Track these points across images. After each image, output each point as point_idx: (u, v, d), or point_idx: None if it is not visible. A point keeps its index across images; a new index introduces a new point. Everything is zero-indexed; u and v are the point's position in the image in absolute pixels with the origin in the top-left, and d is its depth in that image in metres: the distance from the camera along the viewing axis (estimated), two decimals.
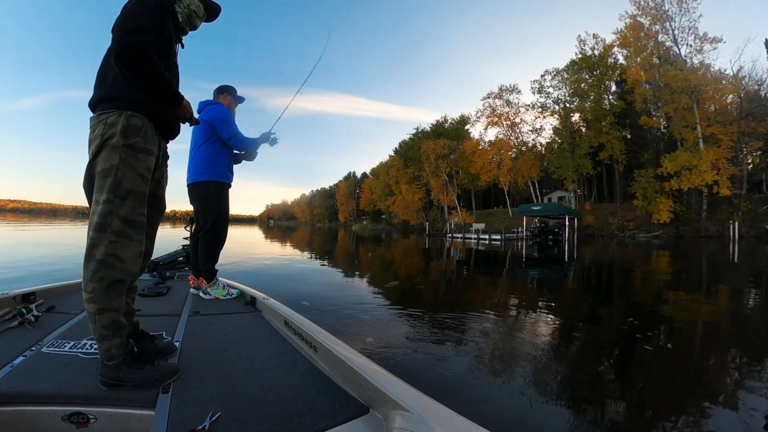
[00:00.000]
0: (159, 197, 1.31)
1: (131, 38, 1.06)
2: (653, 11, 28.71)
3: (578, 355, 2.73)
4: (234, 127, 2.46)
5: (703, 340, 3.24)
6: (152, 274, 3.00)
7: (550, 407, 1.89)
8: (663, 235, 26.57)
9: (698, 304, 4.73)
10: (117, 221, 1.08)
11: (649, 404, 2.00)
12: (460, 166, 43.02)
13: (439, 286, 6.01)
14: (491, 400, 1.94)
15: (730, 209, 25.13)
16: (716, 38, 27.15)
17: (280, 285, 5.49)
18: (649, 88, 29.77)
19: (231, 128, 2.44)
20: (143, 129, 1.14)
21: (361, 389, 1.06)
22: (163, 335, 1.52)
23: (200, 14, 1.43)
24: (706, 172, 24.39)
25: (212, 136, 2.45)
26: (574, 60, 33.73)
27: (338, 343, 1.34)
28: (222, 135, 2.43)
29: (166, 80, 1.15)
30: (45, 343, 1.35)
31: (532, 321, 3.67)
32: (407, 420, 0.83)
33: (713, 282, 6.92)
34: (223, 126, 2.41)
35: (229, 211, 2.58)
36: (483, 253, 13.21)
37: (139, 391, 1.03)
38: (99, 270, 1.05)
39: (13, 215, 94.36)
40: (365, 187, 70.80)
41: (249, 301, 2.20)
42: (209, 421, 0.89)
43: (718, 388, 2.20)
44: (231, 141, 2.44)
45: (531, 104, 37.40)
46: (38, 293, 1.98)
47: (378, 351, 2.59)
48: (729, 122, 25.96)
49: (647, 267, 9.33)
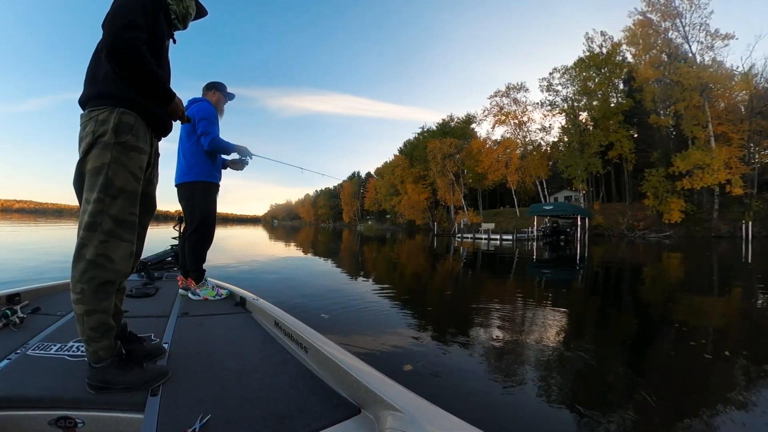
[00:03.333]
0: (150, 196, 1.29)
1: (123, 34, 1.03)
2: (663, 8, 28.32)
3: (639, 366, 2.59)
4: (210, 125, 2.40)
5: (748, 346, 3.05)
6: (140, 275, 2.96)
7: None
8: (674, 235, 26.17)
9: (733, 308, 4.57)
10: (108, 221, 1.06)
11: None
12: (467, 166, 42.86)
13: (477, 302, 4.84)
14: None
15: (741, 209, 24.69)
16: (728, 35, 26.68)
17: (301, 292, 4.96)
18: (658, 86, 29.34)
19: (207, 126, 2.39)
20: (135, 127, 1.12)
21: (352, 390, 1.05)
22: (151, 337, 1.50)
23: (193, 15, 1.43)
24: (719, 170, 24.01)
25: (197, 134, 2.42)
26: (582, 58, 33.39)
27: (329, 343, 1.33)
28: (197, 130, 2.40)
29: (159, 77, 1.13)
30: (30, 346, 1.33)
31: (597, 339, 3.26)
32: (399, 420, 0.83)
33: (740, 284, 6.70)
34: (201, 122, 2.38)
35: (216, 210, 2.55)
36: (500, 256, 12.34)
37: (127, 394, 1.01)
38: (88, 270, 1.03)
39: (19, 215, 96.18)
40: (370, 187, 70.88)
41: (239, 302, 2.18)
42: (199, 423, 0.88)
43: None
44: (202, 138, 2.39)
45: (539, 102, 37.18)
46: (23, 294, 1.95)
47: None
48: (740, 120, 25.49)
49: (672, 270, 9.02)
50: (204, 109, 2.43)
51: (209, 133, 2.39)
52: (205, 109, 2.43)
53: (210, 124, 2.40)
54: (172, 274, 3.13)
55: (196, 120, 2.36)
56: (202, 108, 2.43)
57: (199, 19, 1.53)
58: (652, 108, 30.13)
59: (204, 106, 2.45)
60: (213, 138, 2.40)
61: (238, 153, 2.59)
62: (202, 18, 1.53)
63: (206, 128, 2.38)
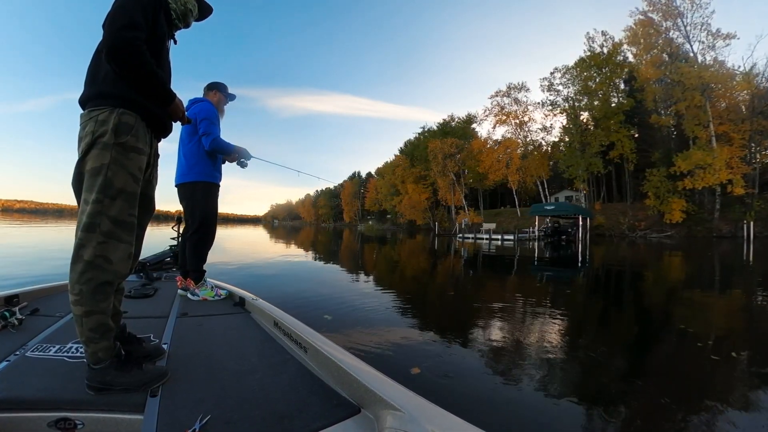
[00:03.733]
0: (149, 197, 1.28)
1: (123, 34, 1.03)
2: (664, 7, 28.24)
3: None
4: (211, 126, 2.40)
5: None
6: (139, 275, 2.95)
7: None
8: (675, 235, 26.09)
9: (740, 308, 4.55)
10: (106, 222, 1.05)
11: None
12: (468, 166, 42.81)
13: (490, 302, 4.69)
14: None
15: (742, 209, 24.61)
16: (729, 34, 26.60)
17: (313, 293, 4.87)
18: (659, 86, 29.27)
19: (208, 126, 2.39)
20: (135, 127, 1.11)
21: (351, 389, 1.05)
22: (150, 337, 1.50)
23: (194, 13, 1.41)
24: (720, 170, 23.92)
25: (198, 134, 2.42)
26: (583, 57, 33.34)
27: (328, 343, 1.33)
28: (199, 131, 2.40)
29: (159, 77, 1.12)
30: (29, 347, 1.33)
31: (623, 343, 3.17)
32: (398, 419, 0.83)
33: (748, 284, 6.66)
34: (202, 123, 2.38)
35: (217, 211, 2.55)
36: (503, 256, 12.08)
37: (127, 395, 1.01)
38: (86, 271, 1.03)
39: (20, 215, 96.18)
40: (370, 187, 70.87)
41: (238, 302, 2.18)
42: (199, 424, 0.88)
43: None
44: (204, 138, 2.39)
45: (541, 102, 37.10)
46: (22, 295, 1.94)
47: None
48: (741, 120, 25.42)
49: (678, 270, 8.96)
50: (205, 110, 2.43)
51: (210, 133, 2.39)
52: (206, 110, 2.43)
53: (211, 125, 2.40)
54: (171, 275, 3.12)
55: (197, 120, 2.36)
56: (204, 108, 2.43)
57: (204, 18, 1.51)
58: (653, 108, 30.06)
59: (205, 107, 2.45)
60: (214, 138, 2.40)
61: (238, 154, 2.58)
62: (208, 16, 1.52)
63: (207, 128, 2.38)
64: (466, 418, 0.83)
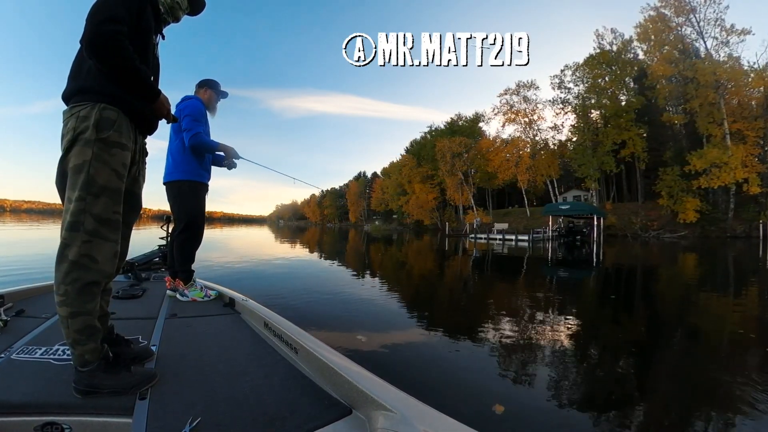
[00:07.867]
0: (135, 195, 1.25)
1: (103, 28, 1.00)
2: (677, 2, 27.73)
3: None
4: (193, 122, 2.34)
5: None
6: (127, 276, 2.90)
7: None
8: (689, 235, 25.59)
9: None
10: (90, 220, 1.03)
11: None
12: (476, 165, 42.54)
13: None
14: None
15: (757, 208, 24.10)
16: (744, 30, 26.01)
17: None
18: (671, 84, 28.73)
19: (190, 122, 2.33)
20: (117, 122, 1.08)
21: (343, 390, 1.05)
22: (139, 339, 1.48)
23: (183, 6, 1.37)
24: (737, 169, 23.45)
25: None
26: (593, 55, 32.90)
27: (319, 344, 1.32)
28: (182, 127, 2.34)
29: (141, 73, 1.09)
30: (14, 350, 1.30)
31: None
32: (390, 420, 0.83)
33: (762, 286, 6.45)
34: (185, 119, 2.32)
35: (204, 210, 2.50)
36: (523, 258, 11.26)
37: (115, 398, 1.00)
38: (72, 271, 1.01)
39: (28, 215, 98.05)
40: (376, 187, 70.82)
41: (228, 303, 2.15)
42: (189, 427, 0.87)
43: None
44: (184, 134, 2.32)
45: (551, 100, 36.66)
46: (6, 296, 1.90)
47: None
48: (755, 117, 24.83)
49: (703, 272, 8.71)
50: (190, 106, 2.37)
51: (191, 129, 2.32)
52: (191, 106, 2.38)
53: (194, 121, 2.34)
54: (160, 275, 3.08)
55: (181, 117, 2.31)
56: (189, 105, 2.38)
57: (197, 13, 1.48)
58: (665, 106, 29.50)
59: (191, 104, 2.40)
60: (194, 134, 2.32)
61: (225, 153, 2.52)
62: (201, 11, 1.48)
63: (189, 125, 2.32)
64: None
